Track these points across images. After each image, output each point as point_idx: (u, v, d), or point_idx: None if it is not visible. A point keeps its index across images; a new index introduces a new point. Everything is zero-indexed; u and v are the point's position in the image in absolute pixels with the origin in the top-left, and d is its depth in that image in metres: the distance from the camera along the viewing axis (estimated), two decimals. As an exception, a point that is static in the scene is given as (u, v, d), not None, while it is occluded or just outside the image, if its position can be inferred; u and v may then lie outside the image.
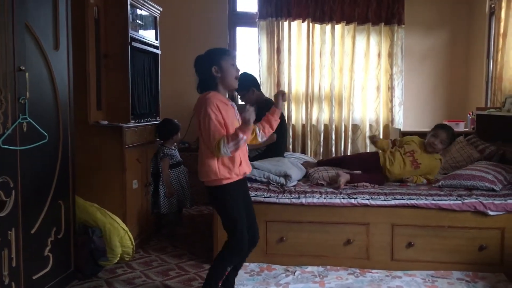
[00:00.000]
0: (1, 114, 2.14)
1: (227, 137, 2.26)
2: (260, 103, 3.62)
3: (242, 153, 2.43)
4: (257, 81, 3.90)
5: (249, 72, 3.82)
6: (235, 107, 2.50)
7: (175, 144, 3.96)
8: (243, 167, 2.42)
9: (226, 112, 2.34)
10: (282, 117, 4.11)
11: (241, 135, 2.25)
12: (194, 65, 2.45)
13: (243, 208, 2.45)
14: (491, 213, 2.97)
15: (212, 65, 2.37)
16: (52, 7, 2.58)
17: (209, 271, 2.47)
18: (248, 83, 3.68)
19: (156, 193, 3.78)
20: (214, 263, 2.46)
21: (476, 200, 3.00)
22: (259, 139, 2.55)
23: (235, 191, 2.40)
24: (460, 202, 3.00)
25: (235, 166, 2.37)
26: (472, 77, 5.14)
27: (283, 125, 3.96)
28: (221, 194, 2.39)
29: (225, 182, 2.36)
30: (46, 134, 2.46)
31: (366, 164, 3.49)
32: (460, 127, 4.74)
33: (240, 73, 2.49)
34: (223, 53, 2.42)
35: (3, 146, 2.14)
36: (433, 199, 3.03)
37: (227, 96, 2.55)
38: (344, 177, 3.26)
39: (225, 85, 2.43)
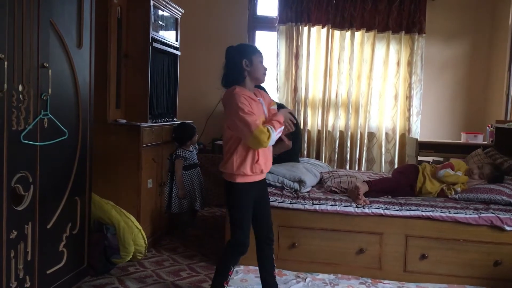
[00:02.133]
0: (23, 110, 2.17)
1: (273, 125, 2.32)
2: None
3: (263, 151, 2.43)
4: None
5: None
6: (263, 104, 2.49)
7: (193, 145, 3.94)
8: (260, 164, 2.41)
9: (254, 107, 2.36)
10: (296, 122, 4.12)
11: (280, 124, 2.37)
12: (225, 55, 2.49)
13: (251, 209, 2.46)
14: (508, 228, 2.93)
15: (243, 58, 2.42)
16: (77, 6, 2.61)
17: (214, 273, 2.52)
18: None
19: (169, 193, 3.79)
20: (217, 264, 2.51)
21: (493, 215, 2.95)
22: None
23: (246, 192, 2.43)
24: (476, 216, 2.96)
25: (253, 162, 2.38)
26: (492, 89, 5.06)
27: (297, 130, 3.95)
28: (233, 191, 2.43)
29: (238, 180, 2.39)
30: (66, 130, 2.49)
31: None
32: (479, 140, 4.68)
33: None
34: (254, 50, 2.49)
35: (23, 141, 2.17)
36: (449, 211, 2.99)
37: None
38: (362, 187, 3.15)
39: (253, 78, 2.44)
